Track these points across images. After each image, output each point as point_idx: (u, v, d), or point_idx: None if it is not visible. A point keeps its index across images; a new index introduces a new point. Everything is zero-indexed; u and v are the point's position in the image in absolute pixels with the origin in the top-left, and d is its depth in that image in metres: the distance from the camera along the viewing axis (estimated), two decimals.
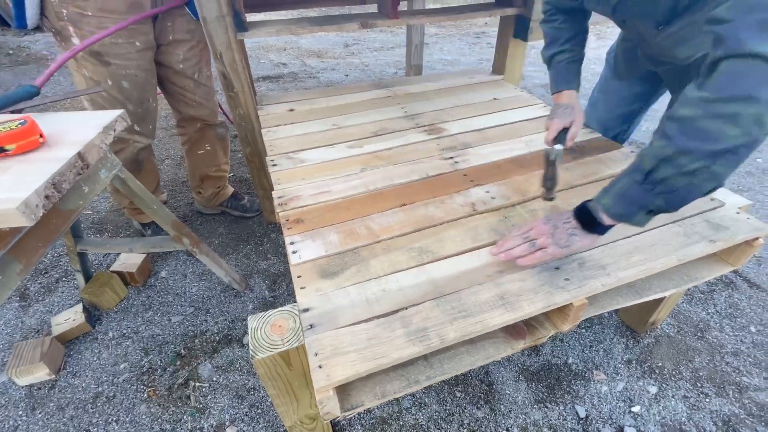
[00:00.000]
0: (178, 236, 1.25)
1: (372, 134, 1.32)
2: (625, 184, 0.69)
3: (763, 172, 2.20)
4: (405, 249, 0.86)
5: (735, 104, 0.56)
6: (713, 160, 0.59)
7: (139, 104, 1.36)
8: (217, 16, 1.21)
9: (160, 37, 1.33)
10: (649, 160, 0.64)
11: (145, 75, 1.32)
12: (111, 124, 0.86)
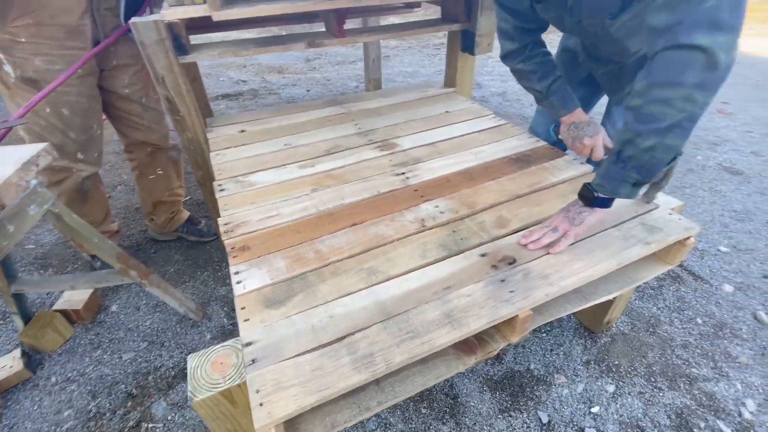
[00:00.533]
0: (124, 269, 1.19)
1: (325, 153, 1.31)
2: (606, 165, 0.83)
3: (703, 168, 2.34)
4: (354, 271, 0.85)
5: (666, 90, 0.68)
6: (663, 135, 0.71)
7: (82, 131, 1.30)
8: (156, 40, 1.18)
9: (103, 62, 1.29)
10: (617, 144, 0.79)
11: (87, 101, 1.27)
12: (33, 159, 0.81)
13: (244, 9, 1.12)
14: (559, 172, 1.17)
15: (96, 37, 1.24)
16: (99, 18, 1.23)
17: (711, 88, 0.67)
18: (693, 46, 0.64)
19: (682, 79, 0.66)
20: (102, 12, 1.23)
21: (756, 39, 5.25)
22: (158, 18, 1.15)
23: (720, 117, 3.02)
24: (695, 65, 0.65)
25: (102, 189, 1.56)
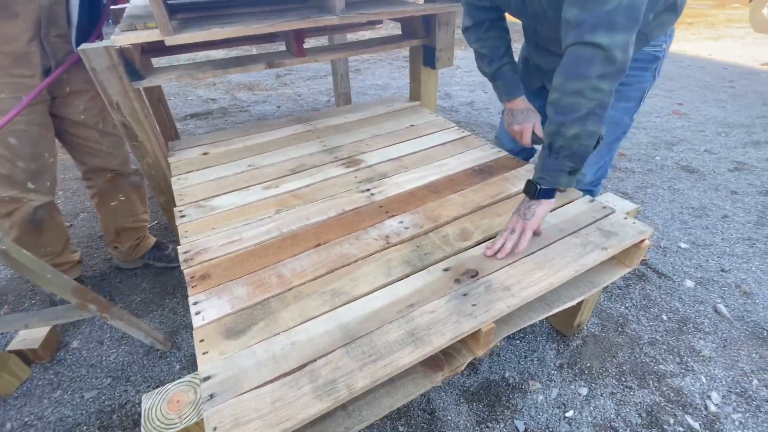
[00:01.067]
0: (82, 303, 1.14)
1: (290, 172, 1.31)
2: (542, 160, 0.91)
3: (662, 168, 2.45)
4: (317, 294, 0.84)
5: (577, 83, 0.79)
6: (584, 123, 0.81)
7: (32, 160, 1.24)
8: (107, 66, 1.15)
9: (55, 89, 1.25)
10: (546, 138, 0.87)
11: (37, 129, 1.22)
12: None
13: (197, 33, 1.11)
14: (519, 181, 1.20)
15: (46, 64, 1.20)
16: (48, 45, 1.19)
17: (612, 79, 0.78)
18: (594, 44, 0.75)
19: (587, 72, 0.77)
20: (52, 39, 1.19)
21: (706, 42, 5.57)
22: (109, 44, 1.13)
23: (675, 118, 3.17)
24: (596, 60, 0.76)
25: (59, 218, 1.50)
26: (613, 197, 1.15)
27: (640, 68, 1.09)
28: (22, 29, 1.11)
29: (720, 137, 2.84)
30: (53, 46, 1.20)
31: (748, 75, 4.17)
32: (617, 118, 1.17)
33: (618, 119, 1.17)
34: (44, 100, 1.23)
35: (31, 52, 1.15)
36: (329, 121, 1.66)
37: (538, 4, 0.94)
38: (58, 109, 1.29)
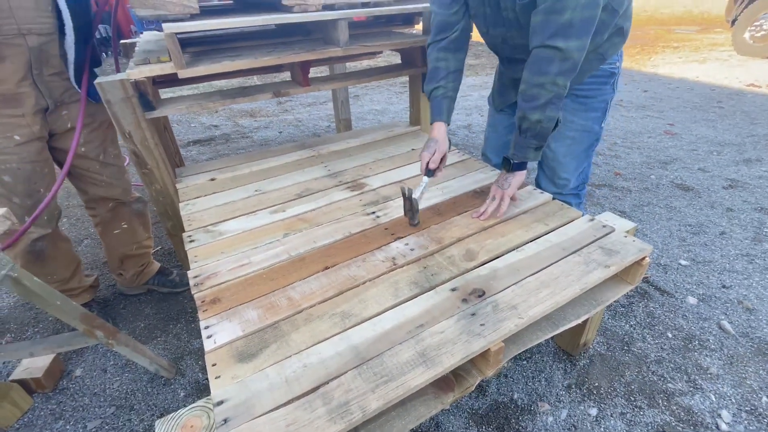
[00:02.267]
0: (89, 330, 1.14)
1: (296, 196, 1.34)
2: (514, 140, 1.12)
3: (657, 187, 2.49)
4: (327, 316, 0.85)
5: (539, 77, 0.98)
6: (543, 110, 1.01)
7: (27, 196, 1.25)
8: (122, 98, 1.20)
9: (56, 126, 1.27)
10: (516, 121, 1.09)
11: (31, 167, 1.23)
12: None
13: (209, 66, 1.16)
14: (520, 202, 1.23)
15: (42, 103, 1.20)
16: (42, 83, 1.19)
17: (567, 75, 0.97)
18: (553, 47, 0.94)
19: (548, 70, 0.96)
20: (46, 78, 1.19)
21: (692, 65, 5.76)
22: (124, 77, 1.18)
23: (668, 138, 3.26)
24: (555, 60, 0.95)
25: (66, 246, 1.51)
26: (612, 216, 1.18)
27: (600, 83, 1.22)
28: (11, 71, 1.12)
29: (712, 156, 2.91)
30: (48, 85, 1.21)
31: (734, 96, 4.30)
32: (587, 127, 1.28)
33: (588, 128, 1.28)
34: (37, 138, 1.23)
35: (22, 93, 1.16)
36: (332, 147, 1.71)
37: (511, 11, 1.05)
38: (59, 143, 1.31)
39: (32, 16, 1.10)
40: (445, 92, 1.20)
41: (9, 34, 1.08)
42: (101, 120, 1.34)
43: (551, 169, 1.39)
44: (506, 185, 1.15)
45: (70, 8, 1.14)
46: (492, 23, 1.15)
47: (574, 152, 1.33)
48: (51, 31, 1.15)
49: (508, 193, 1.14)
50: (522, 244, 1.05)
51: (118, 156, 1.44)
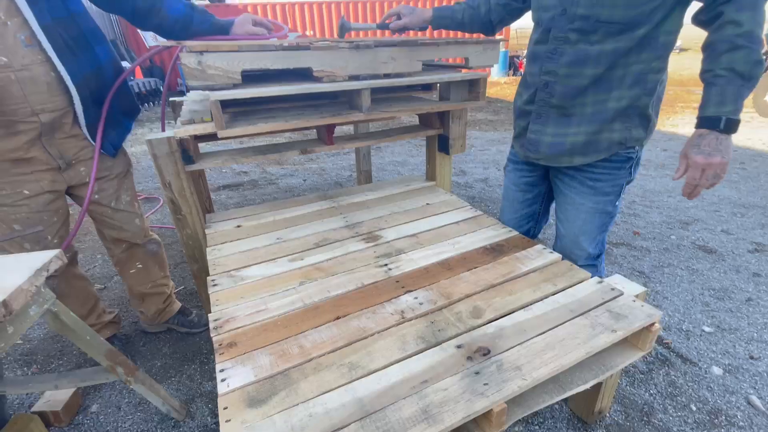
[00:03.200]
0: (111, 366, 1.20)
1: (314, 246, 1.41)
2: (736, 92, 0.95)
3: (678, 248, 2.45)
4: (335, 366, 0.89)
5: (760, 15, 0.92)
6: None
7: (36, 243, 1.35)
8: (167, 153, 1.35)
9: (74, 180, 1.36)
10: (750, 68, 0.94)
11: (38, 216, 1.33)
12: (45, 265, 0.89)
13: (245, 127, 1.31)
14: (530, 261, 1.26)
15: (52, 163, 1.28)
16: (53, 147, 1.27)
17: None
18: None
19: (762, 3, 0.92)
20: (57, 141, 1.27)
21: None
22: (171, 135, 1.34)
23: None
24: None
25: (80, 284, 1.58)
26: (621, 279, 1.19)
27: (614, 168, 1.23)
28: (24, 142, 1.21)
29: (736, 218, 2.86)
30: (60, 147, 1.29)
31: (758, 157, 4.27)
32: (599, 209, 1.29)
33: (600, 209, 1.29)
34: (49, 191, 1.32)
35: (31, 157, 1.24)
36: (352, 199, 1.81)
37: None
38: (78, 192, 1.41)
39: (45, 98, 1.19)
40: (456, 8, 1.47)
41: (23, 115, 1.17)
42: (117, 172, 1.45)
43: (566, 246, 1.39)
44: (719, 153, 0.98)
45: (82, 82, 1.24)
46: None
47: (588, 231, 1.33)
48: (63, 106, 1.24)
49: (724, 164, 0.99)
50: (529, 303, 1.07)
51: (130, 203, 1.53)
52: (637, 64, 1.10)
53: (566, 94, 1.16)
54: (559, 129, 1.22)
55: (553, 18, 1.14)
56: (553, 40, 1.15)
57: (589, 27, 1.07)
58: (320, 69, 1.37)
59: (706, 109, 1.02)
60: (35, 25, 1.12)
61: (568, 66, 1.14)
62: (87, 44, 1.28)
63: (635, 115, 1.17)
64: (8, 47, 1.10)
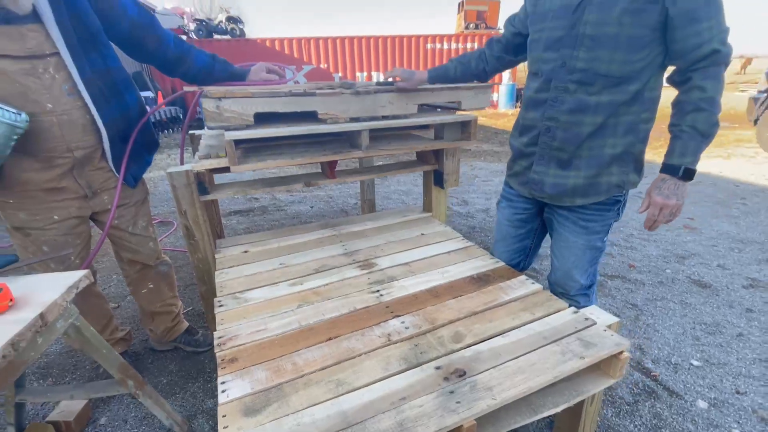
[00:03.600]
0: (123, 379, 1.31)
1: (313, 271, 1.53)
2: (696, 146, 1.13)
3: (672, 282, 2.50)
4: (324, 382, 0.98)
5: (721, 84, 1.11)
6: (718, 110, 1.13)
7: (60, 263, 1.49)
8: (185, 184, 1.50)
9: (98, 207, 1.51)
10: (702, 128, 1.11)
11: (64, 239, 1.47)
12: (75, 283, 1.03)
13: (255, 163, 1.46)
14: (512, 291, 1.35)
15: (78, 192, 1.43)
16: (83, 178, 1.42)
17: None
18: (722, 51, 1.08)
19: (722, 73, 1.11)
20: (87, 173, 1.43)
21: (716, 160, 5.86)
22: (189, 168, 1.49)
23: (686, 232, 3.29)
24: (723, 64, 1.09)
25: (96, 301, 1.70)
26: (597, 309, 1.27)
27: (605, 209, 1.34)
28: (58, 174, 1.37)
29: (733, 253, 2.90)
30: (88, 178, 1.45)
31: (760, 193, 4.31)
32: (589, 246, 1.39)
33: (591, 246, 1.39)
34: (77, 216, 1.47)
35: (63, 187, 1.39)
36: (352, 227, 1.93)
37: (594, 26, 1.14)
38: (100, 218, 1.56)
39: (79, 137, 1.35)
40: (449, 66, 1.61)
41: (60, 151, 1.33)
42: (135, 200, 1.61)
43: (560, 278, 1.49)
44: (675, 196, 1.16)
45: (110, 123, 1.40)
46: (554, 45, 1.24)
47: (580, 265, 1.43)
48: (94, 144, 1.40)
49: (679, 206, 1.17)
50: (507, 330, 1.16)
51: (146, 228, 1.68)
52: (629, 115, 1.23)
53: (567, 139, 1.28)
54: (561, 171, 1.33)
55: (553, 69, 1.26)
56: (554, 90, 1.27)
57: (588, 79, 1.20)
58: (325, 112, 1.54)
59: (670, 158, 1.17)
60: (78, 78, 1.30)
61: (568, 113, 1.26)
62: (118, 92, 1.46)
63: (630, 161, 1.29)
64: (54, 96, 1.28)
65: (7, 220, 1.41)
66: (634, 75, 1.17)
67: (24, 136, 1.23)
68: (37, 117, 1.25)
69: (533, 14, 1.31)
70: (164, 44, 1.53)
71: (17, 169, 1.31)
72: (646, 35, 1.12)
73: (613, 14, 1.13)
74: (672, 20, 1.08)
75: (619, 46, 1.15)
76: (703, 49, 1.07)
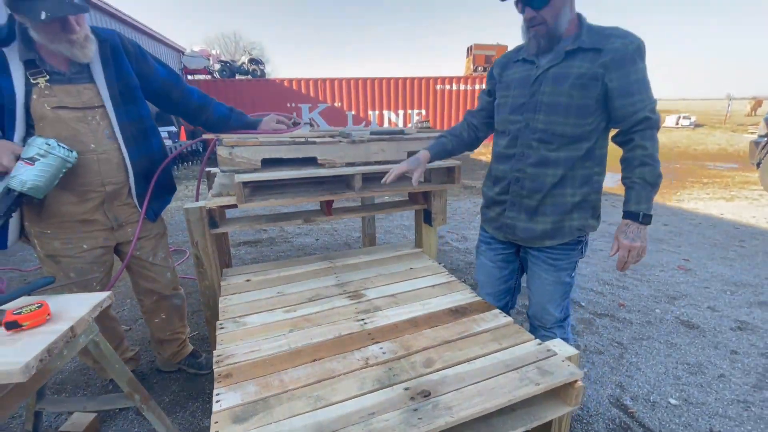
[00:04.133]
0: (130, 393, 1.45)
1: (307, 300, 1.68)
2: (647, 195, 1.31)
3: (660, 321, 2.56)
4: (305, 397, 1.12)
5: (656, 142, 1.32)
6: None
7: (83, 288, 1.65)
8: (198, 218, 1.71)
9: (122, 239, 1.71)
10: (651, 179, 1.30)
11: (89, 267, 1.65)
12: (100, 302, 1.21)
13: (260, 202, 1.67)
14: (484, 323, 1.48)
15: (106, 224, 1.63)
16: (111, 211, 1.62)
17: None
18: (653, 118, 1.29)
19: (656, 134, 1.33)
20: (115, 207, 1.63)
21: (719, 202, 5.92)
22: (202, 205, 1.71)
23: (680, 273, 3.34)
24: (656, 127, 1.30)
25: (109, 323, 1.85)
26: (560, 342, 1.38)
27: (570, 249, 1.52)
28: (91, 207, 1.57)
29: (725, 295, 2.94)
30: (115, 212, 1.64)
31: (759, 235, 4.34)
32: (559, 281, 1.55)
33: (560, 281, 1.55)
34: (100, 246, 1.66)
35: (94, 219, 1.59)
36: (347, 260, 2.10)
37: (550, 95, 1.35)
38: (121, 248, 1.75)
39: (113, 174, 1.57)
40: (445, 141, 1.70)
41: (95, 185, 1.55)
42: (155, 233, 1.81)
43: (537, 312, 1.64)
44: (639, 239, 1.32)
45: (137, 162, 1.62)
46: (518, 109, 1.43)
47: (553, 299, 1.59)
48: (123, 181, 1.61)
49: (643, 247, 1.33)
50: (474, 358, 1.28)
51: (164, 258, 1.86)
52: (584, 169, 1.43)
53: (534, 189, 1.46)
54: (531, 216, 1.50)
55: (519, 129, 1.47)
56: (521, 146, 1.47)
57: (548, 138, 1.41)
58: (323, 158, 1.75)
59: (629, 206, 1.36)
60: (116, 125, 1.56)
61: (533, 166, 1.45)
62: (146, 137, 1.71)
63: (588, 208, 1.48)
64: (97, 139, 1.54)
65: (42, 248, 1.62)
66: (585, 135, 1.37)
67: (68, 171, 1.46)
68: (82, 155, 1.50)
69: (500, 83, 1.54)
70: (187, 97, 1.80)
71: (57, 202, 1.54)
72: (591, 105, 1.32)
73: (564, 88, 1.34)
74: (611, 92, 1.30)
75: (570, 112, 1.35)
76: (638, 115, 1.29)
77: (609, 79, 1.28)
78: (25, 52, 1.41)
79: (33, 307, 1.06)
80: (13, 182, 1.33)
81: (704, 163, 10.24)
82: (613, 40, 1.28)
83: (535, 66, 1.40)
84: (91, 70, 1.51)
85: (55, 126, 1.45)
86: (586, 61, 1.30)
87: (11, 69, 1.40)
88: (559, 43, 1.36)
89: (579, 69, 1.32)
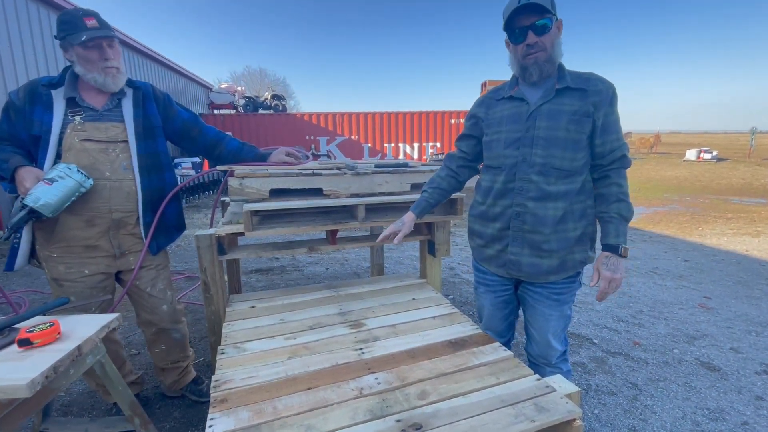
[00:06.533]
0: (131, 416, 1.48)
1: (307, 328, 1.70)
2: (624, 229, 1.38)
3: (679, 362, 2.43)
4: (296, 425, 1.12)
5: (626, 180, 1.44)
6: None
7: (83, 312, 1.69)
8: (208, 245, 1.79)
9: (124, 267, 1.77)
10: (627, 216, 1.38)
11: (90, 292, 1.72)
12: (108, 324, 1.26)
13: (266, 230, 1.74)
14: (483, 356, 1.46)
15: (110, 251, 1.69)
16: (116, 239, 1.68)
17: None
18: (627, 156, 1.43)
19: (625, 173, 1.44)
20: (120, 235, 1.69)
21: (744, 238, 5.71)
22: (213, 232, 1.79)
23: (701, 311, 3.20)
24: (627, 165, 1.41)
25: (113, 347, 1.87)
26: (560, 379, 1.35)
27: (571, 282, 1.53)
28: (96, 233, 1.64)
29: (749, 336, 2.79)
30: (120, 240, 1.70)
31: None
32: (563, 315, 1.57)
33: (563, 315, 1.56)
34: (104, 272, 1.73)
35: (99, 245, 1.65)
36: (351, 290, 2.12)
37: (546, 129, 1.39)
38: (123, 276, 1.82)
39: (122, 202, 1.65)
40: (429, 196, 1.69)
41: (103, 212, 1.63)
42: (156, 264, 1.87)
43: (541, 348, 1.64)
44: (619, 271, 1.37)
45: (147, 193, 1.70)
46: (513, 144, 1.45)
47: (556, 334, 1.60)
48: (131, 210, 1.68)
49: (622, 279, 1.38)
50: (469, 392, 1.26)
51: (163, 291, 1.89)
52: (580, 203, 1.46)
53: (536, 223, 1.46)
54: (535, 252, 1.49)
55: (516, 164, 1.48)
56: (519, 180, 1.48)
57: (546, 171, 1.44)
58: (329, 189, 1.83)
59: (608, 239, 1.39)
60: (135, 157, 1.68)
61: (534, 200, 1.46)
62: (160, 170, 1.82)
63: (587, 240, 1.50)
64: (114, 168, 1.66)
65: (49, 271, 1.70)
66: (578, 169, 1.40)
67: (80, 196, 1.56)
68: (96, 181, 1.61)
69: (487, 120, 1.58)
70: (205, 133, 1.93)
71: (65, 227, 1.63)
72: (583, 140, 1.37)
73: (561, 122, 1.39)
74: (597, 129, 1.37)
75: (567, 146, 1.39)
76: (616, 153, 1.39)
77: (596, 117, 1.34)
78: (69, 90, 1.61)
79: (45, 326, 1.12)
80: (28, 198, 1.45)
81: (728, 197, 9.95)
82: (595, 82, 1.38)
83: (525, 103, 1.46)
84: (122, 109, 1.66)
85: (79, 155, 1.59)
86: (575, 99, 1.36)
87: (54, 107, 1.59)
88: (549, 78, 1.43)
89: (571, 106, 1.38)
